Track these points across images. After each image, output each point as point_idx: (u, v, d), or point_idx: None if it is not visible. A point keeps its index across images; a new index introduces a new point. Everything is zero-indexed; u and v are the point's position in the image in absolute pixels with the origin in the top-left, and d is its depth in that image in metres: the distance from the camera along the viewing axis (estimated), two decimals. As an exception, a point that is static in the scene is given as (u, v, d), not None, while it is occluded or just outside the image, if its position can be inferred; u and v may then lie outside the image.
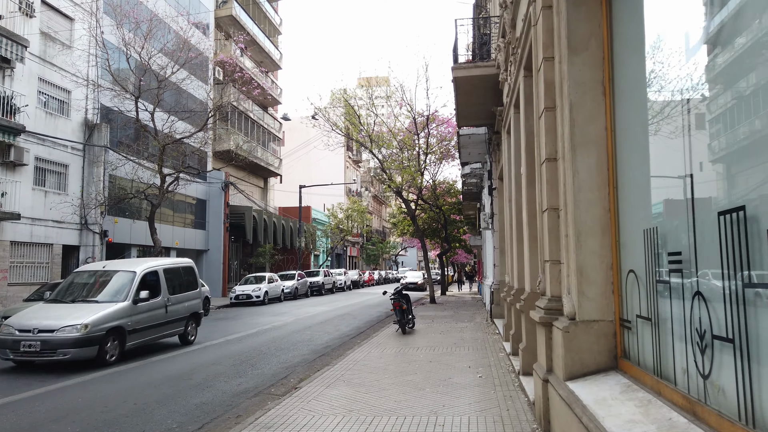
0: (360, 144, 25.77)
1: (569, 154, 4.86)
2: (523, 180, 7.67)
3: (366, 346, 11.82)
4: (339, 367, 9.21)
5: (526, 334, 7.37)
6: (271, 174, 45.41)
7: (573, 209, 4.80)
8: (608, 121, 4.77)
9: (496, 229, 15.94)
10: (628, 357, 4.47)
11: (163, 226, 29.04)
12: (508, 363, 9.10)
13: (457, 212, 35.05)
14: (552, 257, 5.44)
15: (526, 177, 7.53)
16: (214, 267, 33.64)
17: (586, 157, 4.81)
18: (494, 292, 16.00)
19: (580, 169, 4.81)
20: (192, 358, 10.97)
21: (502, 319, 15.16)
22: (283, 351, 11.73)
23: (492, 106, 12.79)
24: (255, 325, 16.79)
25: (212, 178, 33.66)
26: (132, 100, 21.05)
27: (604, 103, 4.81)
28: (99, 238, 22.98)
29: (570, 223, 4.85)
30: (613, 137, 4.73)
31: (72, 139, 21.99)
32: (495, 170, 16.25)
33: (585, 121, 4.83)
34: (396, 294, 14.39)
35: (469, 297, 31.06)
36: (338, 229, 49.46)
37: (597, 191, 4.77)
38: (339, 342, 13.24)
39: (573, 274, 4.78)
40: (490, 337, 12.74)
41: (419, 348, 11.28)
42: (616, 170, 4.70)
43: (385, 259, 76.60)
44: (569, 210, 4.88)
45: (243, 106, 38.46)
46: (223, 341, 13.29)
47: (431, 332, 14.03)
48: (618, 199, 4.67)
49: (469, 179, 24.08)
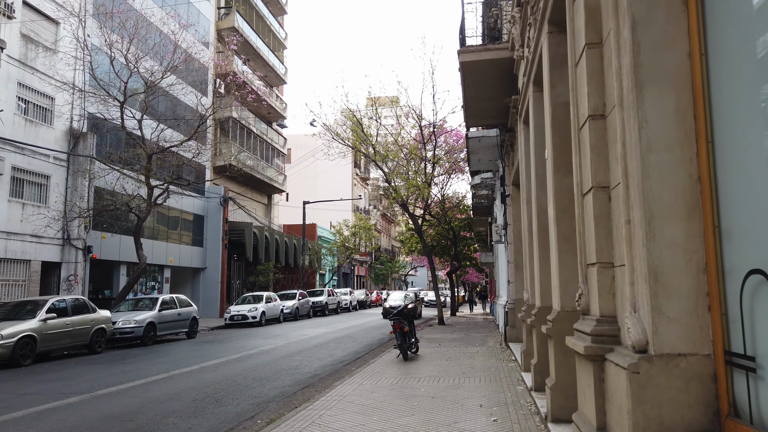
0: (363, 154, 24.21)
1: (631, 98, 3.17)
2: (549, 166, 5.97)
3: (359, 375, 10.05)
4: (319, 405, 7.45)
5: (557, 367, 5.61)
6: (275, 190, 43.98)
7: (639, 180, 3.10)
8: (694, 43, 3.08)
9: (510, 241, 14.20)
10: (741, 415, 2.74)
11: (157, 243, 27.53)
12: (529, 400, 7.30)
13: (468, 229, 33.27)
14: (601, 258, 3.72)
15: (552, 161, 5.83)
16: (211, 286, 31.99)
17: (660, 100, 3.12)
18: (509, 313, 14.19)
19: (650, 118, 3.12)
20: (150, 390, 9.26)
21: (519, 344, 13.34)
22: (261, 382, 9.99)
23: (505, 98, 11.16)
24: (241, 349, 15.06)
25: (211, 193, 32.22)
26: (117, 106, 19.67)
27: (685, 17, 3.13)
28: (82, 255, 21.44)
29: (634, 202, 3.15)
30: (704, 66, 3.04)
31: (54, 149, 20.61)
32: (508, 175, 14.56)
33: (656, 46, 3.15)
34: (397, 314, 12.63)
35: (480, 318, 29.13)
36: (344, 247, 47.71)
37: (678, 150, 3.07)
38: (330, 370, 11.47)
39: (641, 281, 3.07)
40: (506, 365, 10.92)
41: (421, 378, 9.49)
42: (711, 116, 2.99)
43: (395, 279, 74.64)
44: (632, 182, 3.18)
45: (245, 120, 37.20)
46: (196, 369, 11.56)
47: (437, 358, 12.24)
48: (715, 159, 2.96)
49: (479, 191, 22.37)
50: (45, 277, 20.66)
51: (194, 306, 19.91)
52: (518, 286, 13.74)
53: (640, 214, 3.06)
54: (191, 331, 19.04)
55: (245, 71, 34.69)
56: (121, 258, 24.29)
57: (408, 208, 24.84)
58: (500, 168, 15.66)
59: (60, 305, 13.89)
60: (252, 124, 38.75)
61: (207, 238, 32.41)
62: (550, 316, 5.81)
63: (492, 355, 12.56)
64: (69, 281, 21.14)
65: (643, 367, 2.92)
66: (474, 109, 13.09)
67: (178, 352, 14.86)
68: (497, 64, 10.42)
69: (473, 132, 15.69)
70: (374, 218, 65.52)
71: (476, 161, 17.67)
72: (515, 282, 13.82)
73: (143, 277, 27.59)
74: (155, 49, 20.55)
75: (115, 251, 24.01)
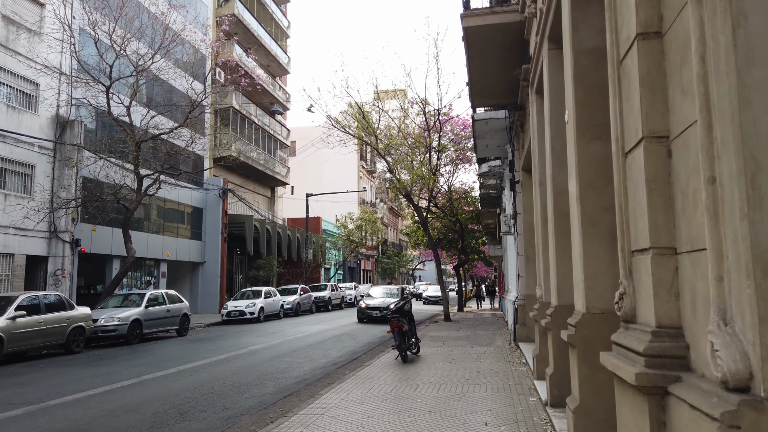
0: (365, 143, 23.03)
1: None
2: (571, 131, 4.78)
3: (350, 381, 8.92)
4: (297, 421, 6.33)
5: (581, 385, 4.43)
6: (278, 183, 42.92)
7: (734, 111, 1.91)
8: None
9: (520, 231, 13.01)
10: None
11: (152, 236, 26.54)
12: (544, 417, 6.14)
13: (475, 221, 32.06)
14: (657, 242, 2.54)
15: (575, 124, 4.63)
16: (210, 281, 30.98)
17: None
18: (519, 310, 13.01)
19: (751, 10, 1.93)
20: (110, 400, 8.17)
21: (530, 343, 12.16)
22: (239, 389, 8.88)
23: (515, 69, 9.96)
24: (230, 349, 13.98)
25: (209, 184, 31.18)
26: (103, 90, 18.60)
27: None
28: (70, 248, 20.45)
29: (725, 147, 1.96)
30: None
31: (39, 137, 19.59)
32: (518, 160, 13.35)
33: None
34: (396, 311, 11.49)
35: (488, 314, 27.94)
36: (349, 241, 46.59)
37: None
38: (321, 374, 10.35)
39: (740, 275, 1.89)
40: (515, 369, 9.75)
41: (419, 386, 8.35)
42: None
43: (402, 273, 73.45)
44: (721, 116, 1.98)
45: (246, 110, 36.11)
46: (173, 372, 10.47)
47: (439, 360, 11.09)
48: None
49: (487, 180, 21.13)
50: (30, 271, 19.70)
51: (185, 302, 18.86)
52: (529, 280, 12.56)
53: (736, 166, 1.88)
54: (182, 329, 18.00)
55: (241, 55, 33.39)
56: (114, 252, 23.30)
57: (412, 198, 23.67)
58: (509, 153, 14.44)
59: (32, 302, 12.85)
60: (253, 115, 37.65)
61: (206, 231, 31.39)
62: (572, 319, 4.63)
63: (500, 357, 11.39)
64: (56, 276, 20.18)
65: (748, 418, 1.75)
66: (480, 86, 11.87)
67: (161, 353, 13.81)
68: (505, 30, 9.20)
69: (480, 114, 14.47)
70: (381, 212, 64.38)
71: (483, 147, 16.43)
72: (526, 276, 12.65)
73: (137, 272, 26.66)
74: (143, 29, 19.44)
75: (107, 245, 23.02)
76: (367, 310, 21.59)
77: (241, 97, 35.53)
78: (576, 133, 4.59)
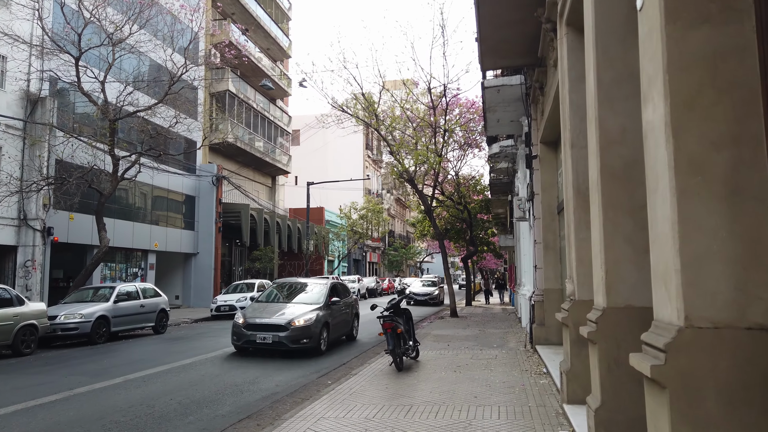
0: (365, 123, 21.07)
1: None
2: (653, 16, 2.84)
3: (327, 399, 7.07)
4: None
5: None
6: (279, 171, 41.09)
7: None
8: None
9: (538, 215, 11.08)
10: None
11: (138, 225, 24.81)
12: (585, 469, 4.26)
13: (485, 210, 30.08)
14: None
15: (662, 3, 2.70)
16: (203, 273, 29.22)
17: None
18: (536, 307, 11.08)
19: None
20: (11, 426, 6.37)
21: (550, 347, 10.26)
22: (186, 409, 7.04)
23: (535, 10, 8.02)
24: (201, 351, 12.17)
25: (203, 171, 29.39)
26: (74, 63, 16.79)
27: None
28: (41, 237, 18.72)
29: None
30: None
31: (6, 115, 17.81)
32: (536, 132, 11.42)
33: None
34: (390, 309, 9.61)
35: (498, 309, 26.03)
36: (352, 232, 44.70)
37: None
38: (297, 385, 8.50)
39: None
40: (535, 382, 7.86)
41: (412, 407, 6.48)
42: None
43: (410, 265, 71.47)
44: None
45: (243, 94, 34.23)
46: (119, 382, 8.63)
47: (442, 367, 9.21)
48: None
49: (497, 163, 19.18)
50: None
51: (163, 296, 17.07)
52: (548, 272, 10.67)
53: None
54: (159, 326, 16.21)
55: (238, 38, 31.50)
56: (94, 241, 21.46)
57: (416, 184, 21.73)
58: (525, 125, 12.48)
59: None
60: (252, 99, 35.76)
61: (199, 220, 29.64)
62: (655, 336, 2.71)
63: (515, 364, 9.50)
64: (26, 267, 18.48)
65: None
66: (492, 41, 9.89)
67: (124, 355, 12.02)
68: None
69: (490, 80, 12.50)
70: (388, 203, 62.47)
71: (494, 122, 14.47)
72: (544, 267, 10.73)
73: (123, 264, 24.96)
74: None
75: (87, 234, 21.28)
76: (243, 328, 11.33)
77: (238, 81, 33.70)
78: (664, 16, 2.66)
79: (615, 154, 4.16)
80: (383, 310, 9.49)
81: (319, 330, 11.30)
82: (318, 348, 11.32)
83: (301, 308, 11.60)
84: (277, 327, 10.87)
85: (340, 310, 12.78)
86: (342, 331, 13.09)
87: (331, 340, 12.09)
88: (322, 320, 11.51)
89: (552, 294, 10.42)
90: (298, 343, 10.91)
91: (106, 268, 23.62)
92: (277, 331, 10.85)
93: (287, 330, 10.86)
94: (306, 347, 11.03)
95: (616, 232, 4.07)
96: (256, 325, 11.06)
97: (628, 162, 4.15)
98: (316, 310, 11.57)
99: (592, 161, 4.42)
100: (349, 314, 13.49)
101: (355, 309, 14.17)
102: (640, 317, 3.88)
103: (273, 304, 12.19)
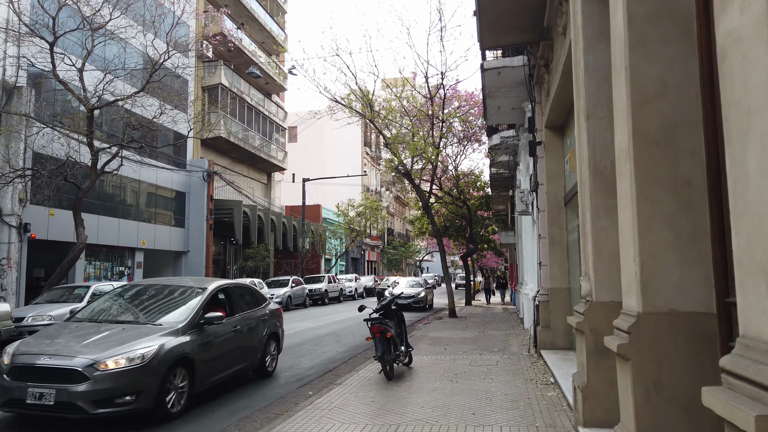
0: (358, 114, 20.09)
1: None
2: None
3: (302, 416, 6.10)
4: None
5: None
6: (275, 168, 40.13)
7: None
8: None
9: (543, 207, 10.12)
10: None
11: (125, 222, 23.85)
12: None
13: (485, 207, 29.15)
14: None
15: None
16: (194, 272, 28.24)
17: None
18: (540, 307, 10.11)
19: None
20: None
21: (556, 352, 9.30)
22: None
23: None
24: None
25: (193, 166, 28.43)
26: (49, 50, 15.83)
27: None
28: (17, 234, 17.77)
29: None
30: None
31: (-21, 105, 16.89)
32: (540, 116, 10.47)
33: None
34: (380, 311, 8.65)
35: (499, 308, 25.07)
36: (350, 230, 43.72)
37: None
38: (274, 396, 7.54)
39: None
40: (541, 394, 6.90)
41: (399, 427, 5.53)
42: None
43: (409, 264, 70.48)
44: None
45: (236, 88, 33.25)
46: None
47: (436, 375, 8.26)
48: None
49: (498, 155, 18.22)
50: (-29, 260, 17.08)
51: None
52: (554, 270, 9.72)
53: None
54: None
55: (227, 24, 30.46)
56: (75, 238, 20.59)
57: (413, 178, 20.79)
58: (528, 110, 11.52)
59: None
60: (245, 94, 34.80)
61: (189, 218, 28.67)
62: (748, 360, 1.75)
63: (518, 371, 8.54)
64: (1, 265, 17.53)
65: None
66: (492, 14, 8.93)
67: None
68: None
69: (490, 61, 11.53)
70: (387, 201, 61.53)
71: (494, 109, 13.49)
72: (550, 264, 9.77)
73: (108, 262, 24.01)
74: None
75: (69, 231, 20.18)
76: None
77: (231, 75, 32.72)
78: None
79: (652, 113, 3.19)
80: (372, 312, 8.54)
81: (161, 376, 6.10)
82: (159, 410, 6.10)
83: (135, 334, 6.45)
84: (67, 374, 5.73)
85: (231, 331, 7.70)
86: (237, 364, 7.92)
87: (209, 384, 7.17)
88: (172, 356, 6.30)
89: (558, 294, 9.47)
90: (111, 405, 5.75)
91: (90, 266, 22.67)
92: (67, 382, 5.70)
93: (87, 380, 5.70)
94: (128, 411, 5.86)
95: (654, 213, 3.10)
96: (28, 370, 5.88)
97: (668, 123, 3.18)
98: (165, 335, 6.46)
99: (621, 126, 3.45)
100: (253, 337, 8.44)
101: (271, 327, 9.05)
102: (689, 326, 2.93)
103: (92, 326, 6.83)
